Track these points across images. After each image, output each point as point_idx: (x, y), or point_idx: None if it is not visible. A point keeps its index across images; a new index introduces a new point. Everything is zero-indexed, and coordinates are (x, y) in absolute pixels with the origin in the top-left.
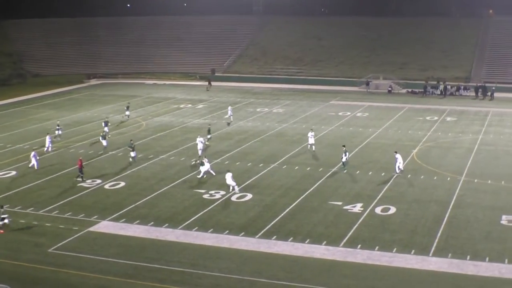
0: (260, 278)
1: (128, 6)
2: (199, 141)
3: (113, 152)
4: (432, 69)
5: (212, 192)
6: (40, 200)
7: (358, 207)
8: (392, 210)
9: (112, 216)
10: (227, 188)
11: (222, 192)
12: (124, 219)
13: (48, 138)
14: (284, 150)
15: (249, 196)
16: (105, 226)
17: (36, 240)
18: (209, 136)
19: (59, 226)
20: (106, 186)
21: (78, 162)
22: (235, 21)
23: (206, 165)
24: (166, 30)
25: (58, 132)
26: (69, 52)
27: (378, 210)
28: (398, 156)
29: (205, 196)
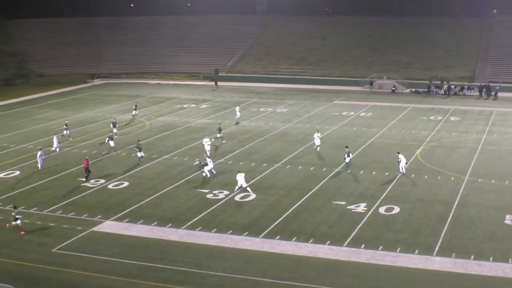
0: (264, 278)
1: (131, 6)
2: (206, 142)
3: (116, 152)
4: (436, 68)
5: (215, 192)
6: (44, 200)
7: (361, 207)
8: (396, 209)
9: (116, 216)
10: (232, 188)
11: (226, 192)
12: (127, 219)
13: (55, 138)
14: (287, 150)
15: (252, 196)
16: (108, 226)
17: (39, 240)
18: (219, 135)
19: (62, 226)
20: (110, 186)
21: (85, 161)
22: (239, 21)
23: (210, 164)
24: (170, 30)
25: (66, 132)
26: (72, 52)
27: (381, 210)
28: (401, 156)
29: (208, 196)
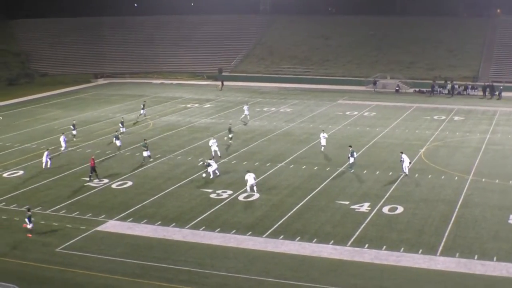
0: (267, 278)
1: (135, 5)
2: (213, 143)
3: (120, 152)
4: (440, 68)
5: (219, 191)
6: (48, 200)
7: (365, 207)
8: (400, 209)
9: (120, 216)
10: (235, 188)
11: (229, 192)
12: (131, 219)
13: (63, 138)
14: (291, 150)
15: (256, 195)
16: (112, 226)
17: (43, 239)
18: (231, 135)
19: (66, 225)
20: (114, 186)
21: (91, 161)
22: (242, 20)
23: (214, 165)
24: (173, 29)
25: (74, 131)
26: (76, 51)
27: (385, 210)
28: (404, 156)
29: (212, 195)
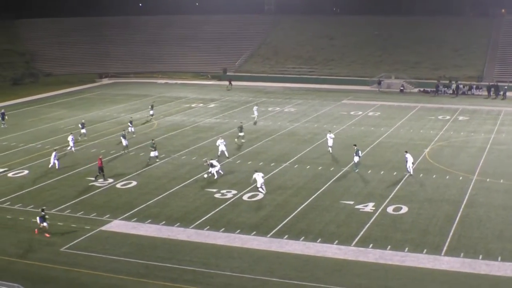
0: (272, 277)
1: (139, 5)
2: (221, 142)
3: (125, 152)
4: (444, 68)
5: (223, 191)
6: (52, 199)
7: (369, 207)
8: (404, 209)
9: (124, 215)
10: (239, 187)
11: (234, 192)
12: (135, 218)
13: (71, 138)
14: (295, 150)
15: (260, 195)
16: (117, 225)
17: (48, 239)
18: (241, 133)
19: (71, 225)
20: (118, 186)
21: (98, 161)
22: (247, 20)
23: (217, 165)
24: (178, 29)
25: (83, 131)
26: (81, 51)
27: (390, 210)
28: (408, 155)
29: (216, 195)
